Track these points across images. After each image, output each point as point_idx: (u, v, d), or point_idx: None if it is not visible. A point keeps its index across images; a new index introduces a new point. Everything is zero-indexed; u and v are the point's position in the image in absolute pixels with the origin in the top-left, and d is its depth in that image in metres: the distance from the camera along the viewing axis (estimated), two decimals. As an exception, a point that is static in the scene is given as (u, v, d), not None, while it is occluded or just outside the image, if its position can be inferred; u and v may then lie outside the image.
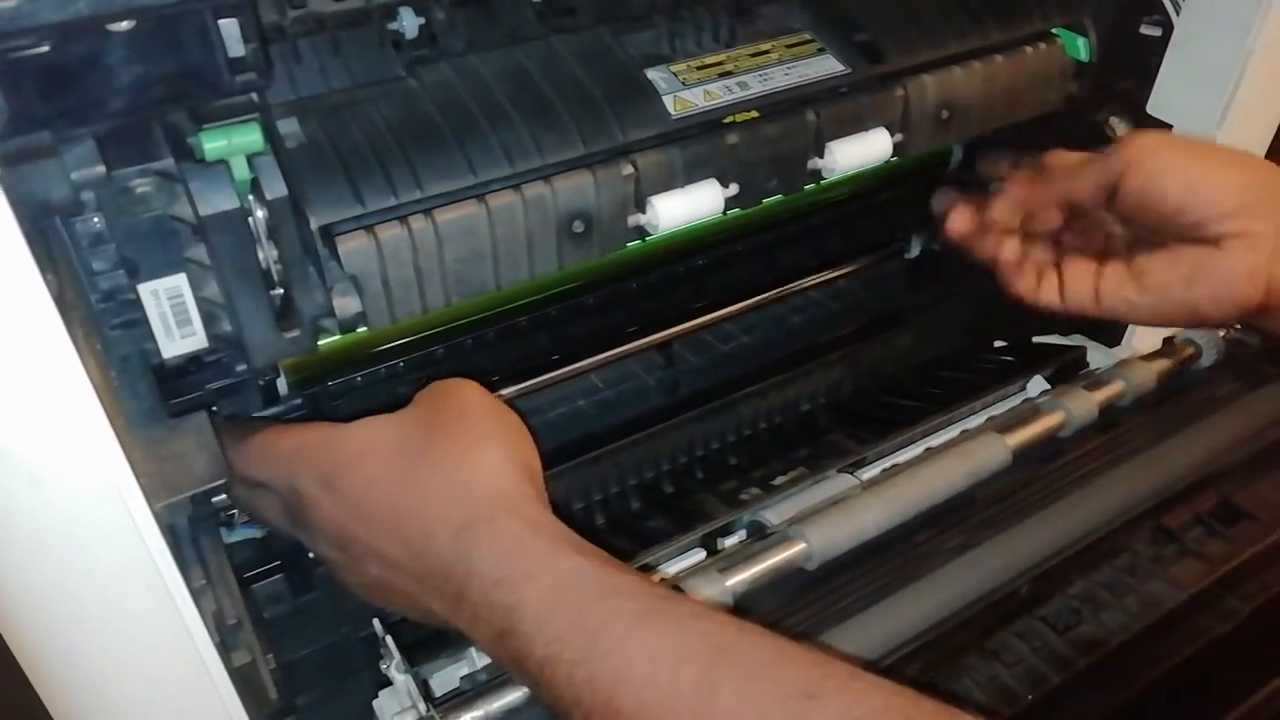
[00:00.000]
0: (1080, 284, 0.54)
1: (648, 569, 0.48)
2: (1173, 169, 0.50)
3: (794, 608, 0.42)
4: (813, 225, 0.67)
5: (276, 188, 0.38)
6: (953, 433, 0.58)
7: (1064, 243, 0.56)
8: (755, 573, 0.43)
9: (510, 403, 0.60)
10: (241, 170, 0.37)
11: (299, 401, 0.54)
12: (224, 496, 0.50)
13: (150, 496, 0.37)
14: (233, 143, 0.36)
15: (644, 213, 0.47)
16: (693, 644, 0.33)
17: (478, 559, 0.36)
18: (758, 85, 0.49)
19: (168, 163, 0.37)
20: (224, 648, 0.40)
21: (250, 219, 0.38)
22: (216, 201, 0.37)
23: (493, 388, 0.59)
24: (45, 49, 0.28)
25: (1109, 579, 0.43)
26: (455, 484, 0.38)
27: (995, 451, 0.50)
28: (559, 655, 0.34)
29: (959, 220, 0.59)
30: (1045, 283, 0.56)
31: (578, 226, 0.45)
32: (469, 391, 0.41)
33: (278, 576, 0.57)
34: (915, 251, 0.74)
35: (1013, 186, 0.57)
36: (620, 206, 0.46)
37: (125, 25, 0.28)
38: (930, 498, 0.47)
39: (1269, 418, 0.51)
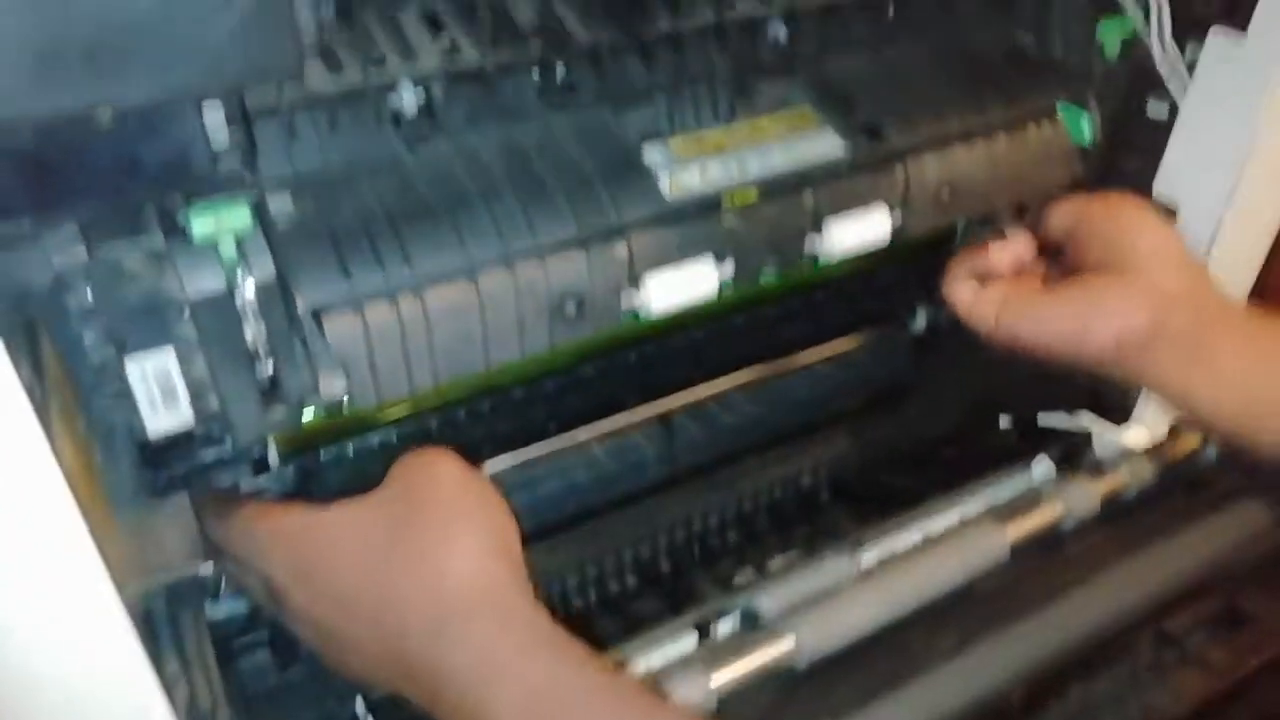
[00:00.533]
0: (985, 309, 0.55)
1: (635, 653, 0.47)
2: (1136, 230, 0.52)
3: (779, 708, 0.41)
4: (815, 300, 0.67)
5: (265, 270, 0.38)
6: (951, 517, 0.57)
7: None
8: (742, 672, 0.42)
9: (505, 474, 0.60)
10: (230, 250, 0.37)
11: (290, 470, 0.53)
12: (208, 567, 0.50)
13: (125, 581, 0.36)
14: (221, 224, 0.36)
15: (638, 291, 0.46)
16: None
17: (450, 662, 0.35)
18: (755, 164, 0.49)
19: (156, 240, 0.37)
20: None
21: (239, 299, 0.38)
22: (204, 283, 0.37)
23: (487, 458, 0.59)
24: (25, 139, 0.28)
25: (1107, 688, 0.42)
26: (427, 577, 0.37)
27: (993, 545, 0.48)
28: None
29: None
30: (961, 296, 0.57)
31: (570, 307, 0.44)
32: (442, 467, 0.40)
33: (263, 650, 0.56)
34: (920, 325, 0.73)
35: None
36: (614, 286, 0.45)
37: (107, 116, 0.28)
38: (926, 593, 0.46)
39: (1275, 517, 0.49)
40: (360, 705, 0.47)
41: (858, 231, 0.52)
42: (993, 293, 0.56)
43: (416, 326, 0.41)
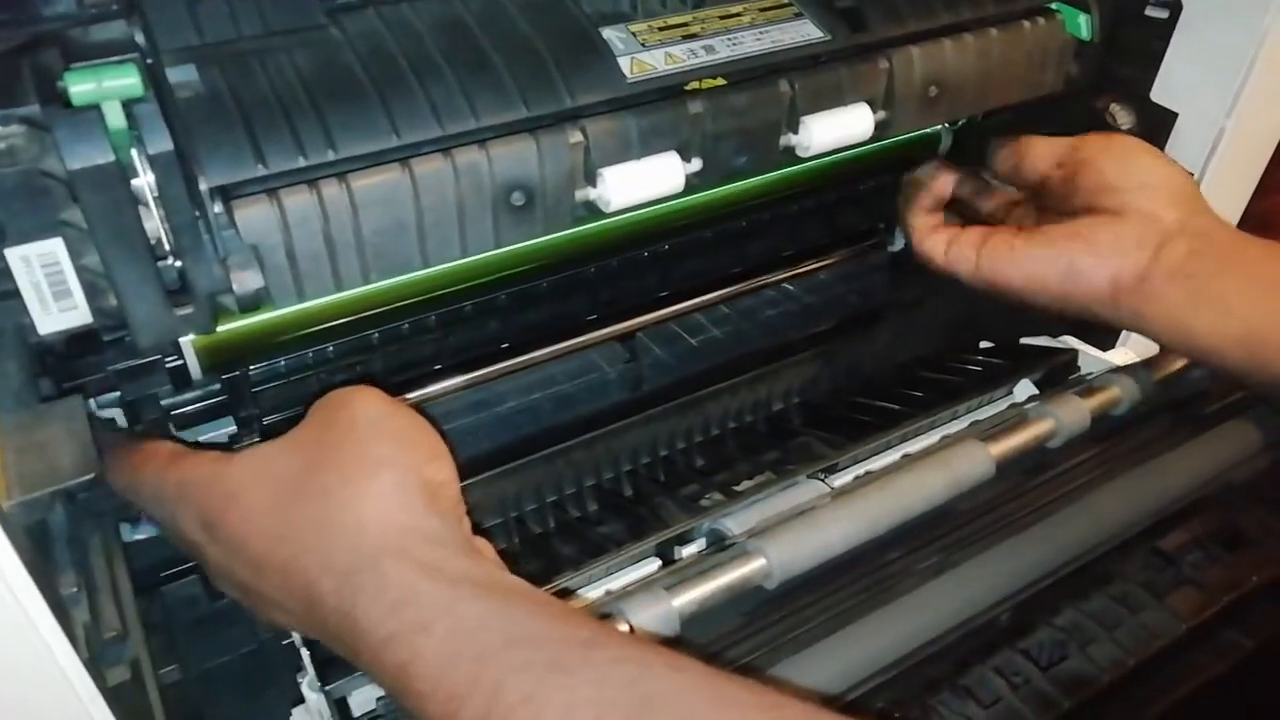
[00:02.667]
0: (964, 252, 0.54)
1: (595, 578, 0.44)
2: (1125, 164, 0.49)
3: (747, 633, 0.38)
4: (790, 213, 0.63)
5: (160, 140, 0.33)
6: (932, 439, 0.54)
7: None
8: (706, 592, 0.39)
9: (456, 395, 0.56)
10: (117, 119, 0.32)
11: (217, 387, 0.49)
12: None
13: (5, 491, 0.32)
14: (104, 86, 0.31)
15: (594, 186, 0.42)
16: (614, 695, 0.28)
17: (362, 613, 0.31)
18: (726, 50, 0.44)
19: (33, 108, 0.33)
20: (94, 665, 0.35)
21: (132, 177, 0.34)
22: (86, 154, 0.32)
23: (437, 378, 0.55)
24: None
25: (1099, 608, 0.39)
26: (338, 524, 0.33)
27: (977, 462, 0.45)
28: (457, 716, 0.29)
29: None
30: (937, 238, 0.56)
31: (517, 199, 0.40)
32: (361, 404, 0.36)
33: (192, 577, 0.52)
34: (899, 245, 0.69)
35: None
36: (567, 179, 0.41)
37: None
38: (904, 511, 0.43)
39: (1274, 434, 0.47)
40: (297, 635, 0.43)
41: (837, 127, 0.47)
42: (971, 234, 0.54)
43: (342, 216, 0.36)
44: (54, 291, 0.36)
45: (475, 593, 0.31)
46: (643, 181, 0.43)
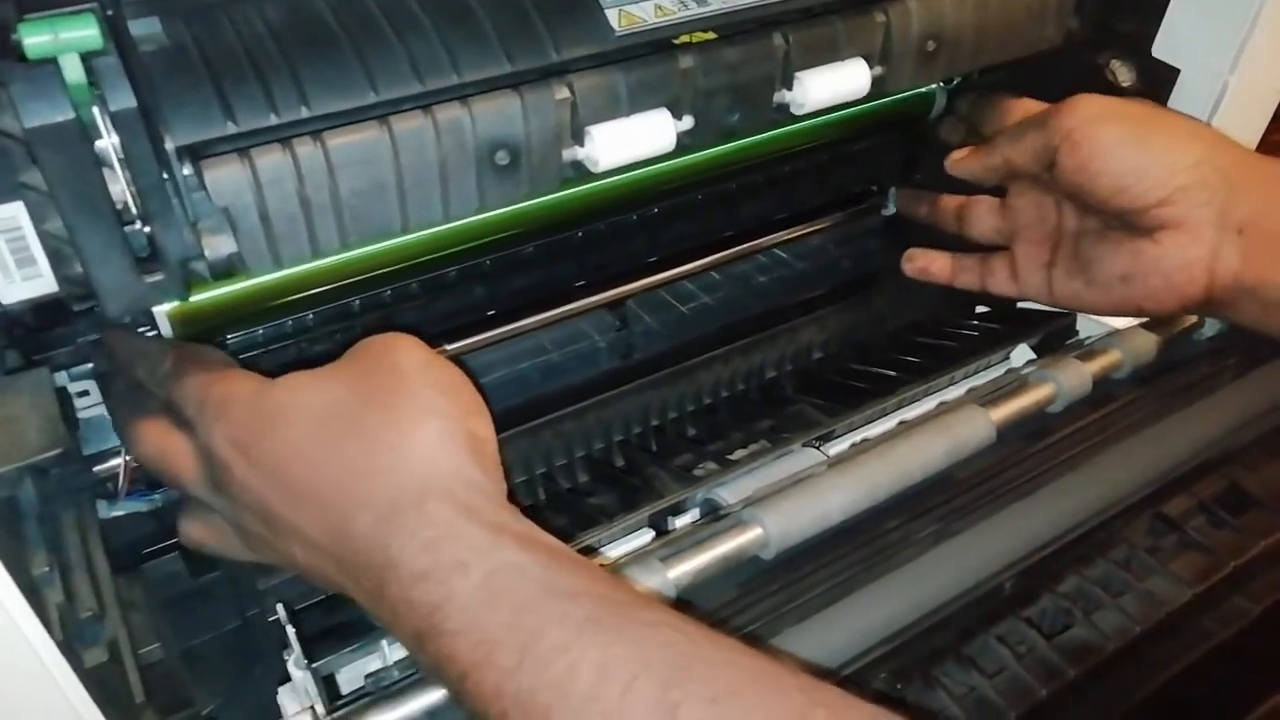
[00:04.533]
0: (1032, 272, 0.53)
1: (589, 551, 0.43)
2: (1109, 148, 0.47)
3: (745, 604, 0.37)
4: (782, 175, 0.61)
5: (122, 96, 0.31)
6: (929, 405, 0.53)
7: (1016, 225, 0.54)
8: (702, 563, 0.37)
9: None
10: (76, 73, 0.31)
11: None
12: (116, 462, 0.45)
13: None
14: (60, 37, 0.30)
15: (582, 145, 0.40)
16: (650, 656, 0.27)
17: (399, 548, 0.31)
18: (718, 2, 0.43)
19: (-15, 63, 0.31)
20: (69, 646, 0.34)
21: (95, 136, 0.32)
22: (42, 110, 0.30)
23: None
24: None
25: (1103, 575, 0.38)
26: (383, 464, 0.32)
27: (977, 427, 0.44)
28: (488, 661, 0.28)
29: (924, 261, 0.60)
30: (996, 268, 0.55)
31: (501, 158, 0.38)
32: (405, 352, 0.35)
33: (173, 555, 0.51)
34: (892, 208, 0.68)
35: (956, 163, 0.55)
36: (553, 136, 0.39)
37: None
38: (903, 478, 0.42)
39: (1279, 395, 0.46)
40: (282, 611, 0.42)
41: (832, 83, 0.46)
42: (1032, 255, 0.53)
43: (317, 176, 0.35)
44: (16, 259, 0.34)
45: (516, 543, 0.31)
46: (632, 140, 0.41)
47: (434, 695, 0.35)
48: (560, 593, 0.29)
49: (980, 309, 0.68)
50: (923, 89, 0.60)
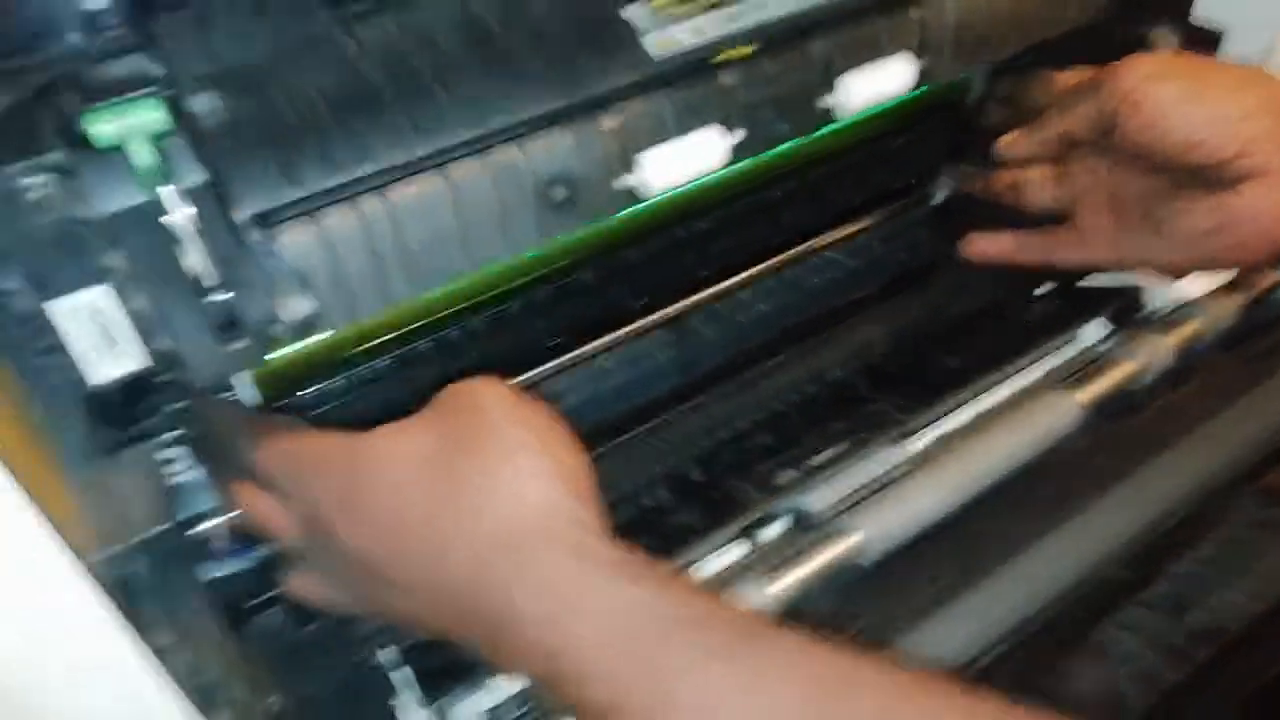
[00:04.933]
0: (1100, 237, 0.52)
1: (681, 568, 0.43)
2: (1172, 106, 0.45)
3: (853, 611, 0.36)
4: (825, 176, 0.61)
5: (192, 174, 0.32)
6: (1006, 391, 0.52)
7: (1076, 191, 0.53)
8: (802, 574, 0.37)
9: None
10: (145, 156, 0.31)
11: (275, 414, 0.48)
12: (210, 525, 0.45)
13: (90, 549, 0.31)
14: (128, 123, 0.30)
15: (632, 172, 0.40)
16: (802, 683, 0.27)
17: (518, 595, 0.30)
18: (752, 15, 0.43)
19: (57, 155, 0.32)
20: (204, 713, 0.34)
21: (168, 214, 0.33)
22: (118, 196, 0.31)
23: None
24: None
25: (1213, 554, 0.37)
26: (490, 502, 0.32)
27: (1064, 411, 0.43)
28: (622, 705, 0.28)
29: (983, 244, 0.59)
30: (1061, 239, 0.54)
31: (558, 193, 0.39)
32: (486, 393, 0.35)
33: (275, 608, 0.51)
34: (940, 196, 0.67)
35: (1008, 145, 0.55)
36: (604, 167, 0.40)
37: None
38: (996, 470, 0.41)
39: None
40: (394, 652, 0.42)
41: (874, 82, 0.45)
42: (1099, 220, 0.52)
43: (383, 229, 0.35)
44: (103, 340, 0.35)
45: (630, 576, 0.30)
46: (681, 162, 0.41)
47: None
48: (691, 623, 0.28)
49: (1039, 291, 0.67)
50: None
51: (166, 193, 0.33)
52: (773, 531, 0.43)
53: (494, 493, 0.32)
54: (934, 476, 0.41)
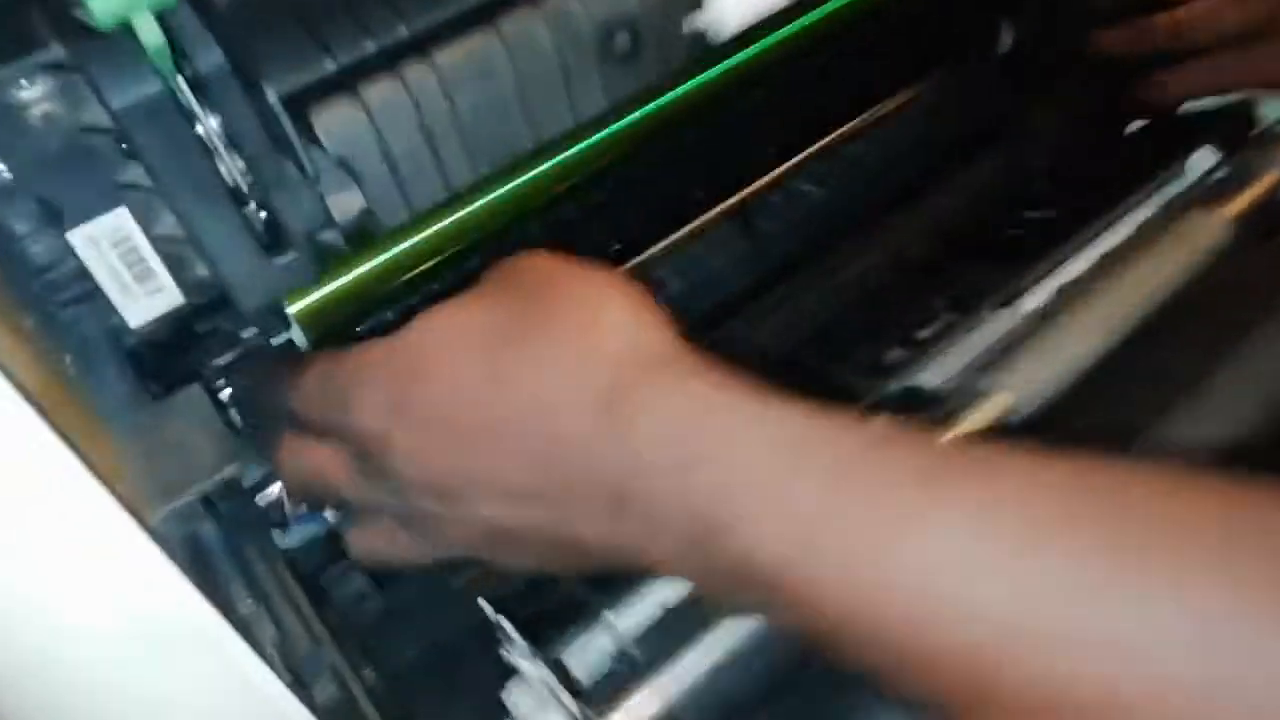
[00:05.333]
0: None
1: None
2: None
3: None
4: (883, 33, 0.55)
5: (208, 53, 0.27)
6: (1118, 236, 0.47)
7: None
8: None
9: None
10: (155, 35, 0.27)
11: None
12: (272, 490, 0.42)
13: (148, 506, 0.27)
14: (128, -4, 0.25)
15: (702, 8, 0.35)
16: (1025, 500, 0.21)
17: (645, 434, 0.25)
18: None
19: (55, 50, 0.27)
20: (299, 685, 0.30)
21: (185, 104, 0.28)
22: (130, 86, 0.26)
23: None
24: None
25: None
26: (580, 356, 0.27)
27: (1210, 228, 0.38)
28: (809, 550, 0.23)
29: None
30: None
31: (622, 42, 0.34)
32: (545, 258, 0.30)
33: (355, 574, 0.47)
34: (1007, 44, 0.61)
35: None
36: (671, 5, 0.34)
37: None
38: (1144, 304, 0.36)
39: None
40: (489, 608, 0.38)
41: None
42: None
43: (433, 99, 0.30)
44: (134, 273, 0.31)
45: (776, 403, 0.25)
46: (753, -5, 0.36)
47: (703, 659, 0.31)
48: (885, 443, 0.23)
49: (1130, 130, 0.61)
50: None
51: (180, 83, 0.28)
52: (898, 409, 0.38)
53: (595, 336, 0.27)
54: (1077, 318, 0.36)
